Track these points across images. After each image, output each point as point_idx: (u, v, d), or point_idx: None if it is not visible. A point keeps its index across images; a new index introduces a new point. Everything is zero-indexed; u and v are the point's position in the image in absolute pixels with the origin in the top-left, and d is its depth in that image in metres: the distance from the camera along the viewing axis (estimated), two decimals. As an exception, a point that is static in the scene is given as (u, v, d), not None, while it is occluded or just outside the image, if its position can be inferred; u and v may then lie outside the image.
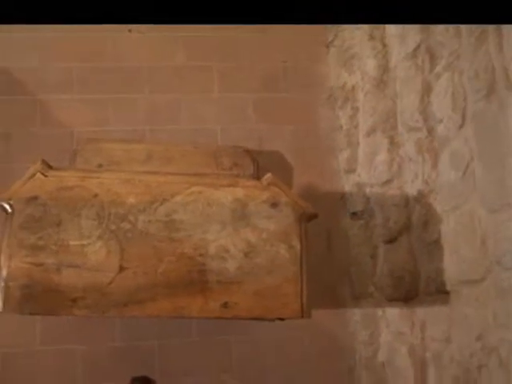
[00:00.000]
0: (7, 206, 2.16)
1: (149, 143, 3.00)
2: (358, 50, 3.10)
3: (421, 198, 2.49)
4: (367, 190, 2.95)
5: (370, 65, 2.93)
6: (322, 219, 2.56)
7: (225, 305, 2.19)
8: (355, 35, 3.13)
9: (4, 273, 2.09)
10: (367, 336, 2.98)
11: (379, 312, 2.88)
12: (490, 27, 1.98)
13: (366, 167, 2.99)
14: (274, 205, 2.30)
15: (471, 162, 2.12)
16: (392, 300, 2.73)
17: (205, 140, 3.19)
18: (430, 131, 2.42)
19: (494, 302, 1.99)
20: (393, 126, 2.72)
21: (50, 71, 3.25)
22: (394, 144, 2.72)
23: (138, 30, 3.35)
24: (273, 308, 2.23)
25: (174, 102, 3.30)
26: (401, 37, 2.65)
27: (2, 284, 2.08)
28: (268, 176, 2.35)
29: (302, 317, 2.24)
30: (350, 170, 3.16)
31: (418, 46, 2.50)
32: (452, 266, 2.29)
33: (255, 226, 2.27)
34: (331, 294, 3.16)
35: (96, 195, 2.22)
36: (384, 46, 2.83)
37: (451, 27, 2.26)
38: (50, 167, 2.27)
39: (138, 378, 2.78)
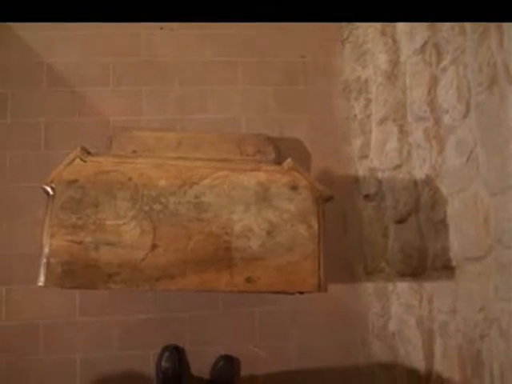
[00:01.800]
0: (49, 189, 2.21)
1: (179, 131, 3.04)
2: (371, 46, 3.11)
3: (428, 181, 2.50)
4: (379, 174, 2.97)
5: (382, 59, 2.94)
6: (337, 201, 2.58)
7: (248, 279, 2.22)
8: (368, 32, 3.14)
9: (46, 250, 2.14)
10: (379, 308, 3.00)
11: (390, 286, 2.90)
12: (492, 25, 2.00)
13: (377, 153, 3.00)
14: (294, 188, 2.33)
15: (474, 149, 2.13)
16: (402, 275, 2.75)
17: (230, 128, 3.23)
18: (437, 120, 2.44)
19: (495, 277, 2.02)
20: (403, 115, 2.73)
21: (89, 66, 3.29)
22: (403, 132, 2.73)
23: (169, 28, 3.37)
24: (293, 282, 2.26)
25: (202, 94, 3.32)
26: (410, 34, 2.67)
27: (45, 260, 2.13)
28: (288, 161, 2.38)
29: (320, 291, 2.27)
30: (364, 156, 3.17)
31: (426, 43, 2.51)
32: (457, 244, 2.31)
33: (277, 208, 2.30)
34: (346, 269, 3.19)
35: (130, 179, 2.26)
36: (395, 42, 2.84)
37: (456, 25, 2.27)
38: (89, 153, 2.31)
39: (169, 346, 2.82)
